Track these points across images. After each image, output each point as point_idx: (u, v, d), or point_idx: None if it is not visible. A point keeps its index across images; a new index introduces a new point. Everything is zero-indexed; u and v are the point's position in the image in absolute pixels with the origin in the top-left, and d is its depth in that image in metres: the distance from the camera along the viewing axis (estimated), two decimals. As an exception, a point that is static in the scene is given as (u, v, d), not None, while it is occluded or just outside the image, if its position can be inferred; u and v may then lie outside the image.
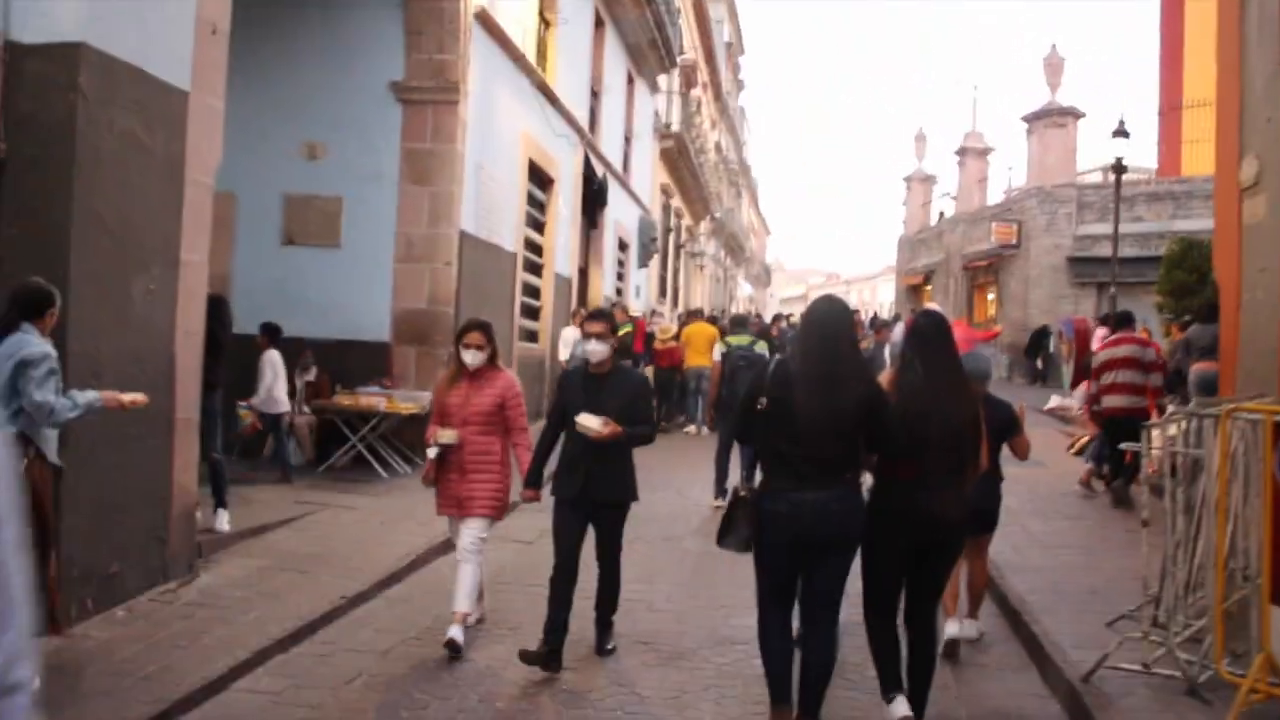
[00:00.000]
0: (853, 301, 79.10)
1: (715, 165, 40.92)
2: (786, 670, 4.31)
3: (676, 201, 29.87)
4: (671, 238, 29.09)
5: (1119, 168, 18.67)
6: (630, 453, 5.44)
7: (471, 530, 5.55)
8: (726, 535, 4.38)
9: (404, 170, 10.65)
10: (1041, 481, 10.53)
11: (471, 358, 5.57)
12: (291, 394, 10.25)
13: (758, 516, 4.24)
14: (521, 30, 12.42)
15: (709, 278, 43.72)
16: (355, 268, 10.72)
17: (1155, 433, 6.37)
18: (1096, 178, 27.42)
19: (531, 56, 13.14)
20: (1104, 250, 24.48)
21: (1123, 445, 7.89)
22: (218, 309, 7.23)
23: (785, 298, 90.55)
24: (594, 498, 5.28)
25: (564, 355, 14.08)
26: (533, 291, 14.52)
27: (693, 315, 18.65)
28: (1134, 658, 5.00)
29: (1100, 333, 13.37)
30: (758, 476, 4.53)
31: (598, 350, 5.33)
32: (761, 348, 10.61)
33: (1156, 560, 5.40)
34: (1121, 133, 18.55)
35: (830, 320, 4.33)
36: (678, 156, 26.94)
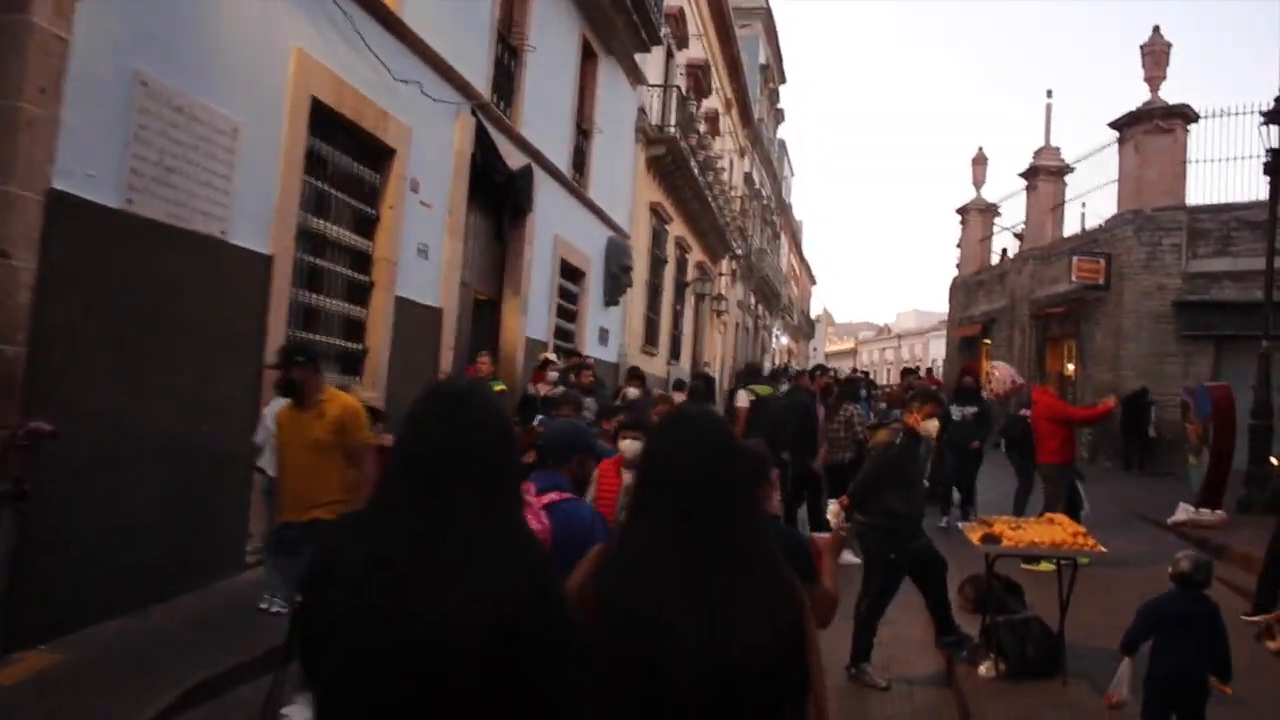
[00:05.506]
0: (904, 358, 73.04)
1: (744, 197, 35.55)
2: None
3: (678, 229, 24.34)
4: (667, 272, 23.49)
5: (1274, 165, 12.77)
6: None
7: None
8: None
9: (-71, 65, 5.26)
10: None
11: None
12: None
13: None
14: None
15: (734, 326, 38.03)
16: None
17: None
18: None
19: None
20: (1225, 293, 18.46)
21: None
22: None
23: (830, 352, 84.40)
24: None
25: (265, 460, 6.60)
26: (342, 327, 8.99)
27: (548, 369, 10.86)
28: None
29: None
30: None
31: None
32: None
33: None
34: (1277, 115, 12.72)
35: (438, 449, 1.78)
36: (674, 170, 21.47)
